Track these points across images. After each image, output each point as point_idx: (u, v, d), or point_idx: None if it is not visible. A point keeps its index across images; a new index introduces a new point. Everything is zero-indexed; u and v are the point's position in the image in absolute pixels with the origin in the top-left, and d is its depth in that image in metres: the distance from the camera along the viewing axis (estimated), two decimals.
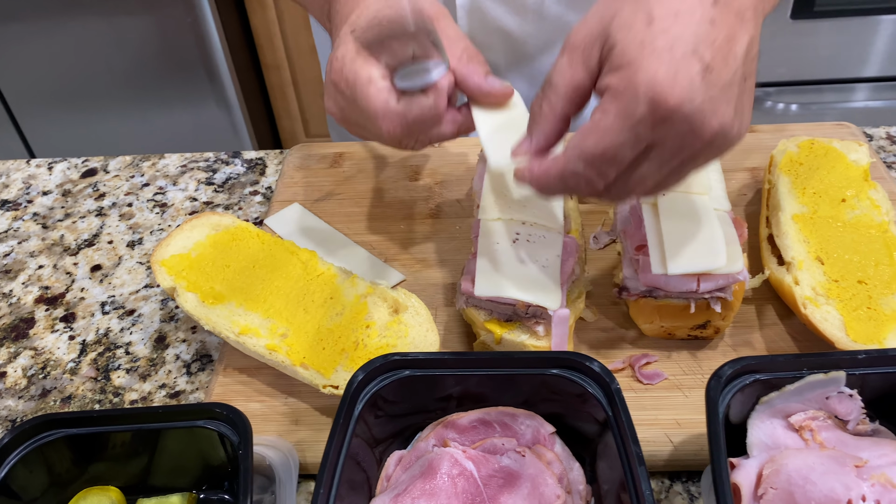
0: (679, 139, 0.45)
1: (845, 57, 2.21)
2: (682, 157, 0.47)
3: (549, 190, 0.51)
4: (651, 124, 0.45)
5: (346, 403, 0.50)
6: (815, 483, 0.47)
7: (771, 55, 2.18)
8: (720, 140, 0.46)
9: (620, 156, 0.46)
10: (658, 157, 0.47)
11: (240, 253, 0.64)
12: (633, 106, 0.44)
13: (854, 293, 0.58)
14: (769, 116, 2.30)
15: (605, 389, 0.50)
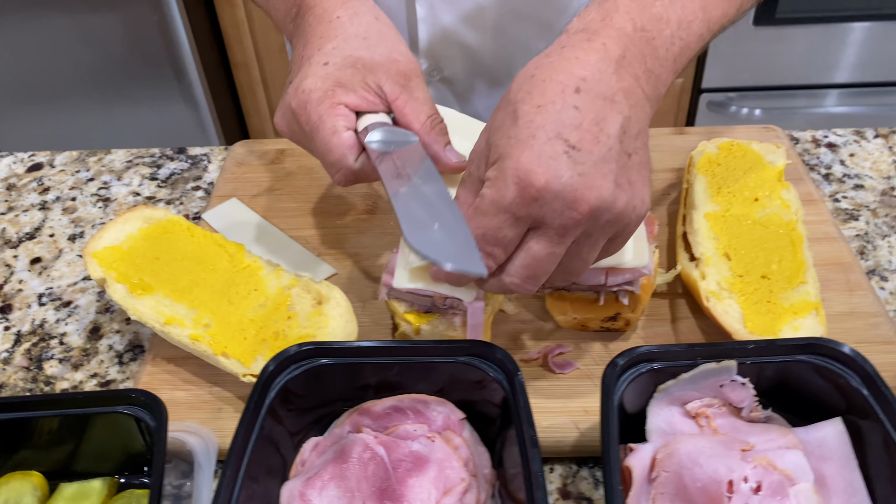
0: (558, 216, 0.47)
1: (809, 64, 2.25)
2: (575, 235, 0.48)
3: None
4: (523, 204, 0.47)
5: (257, 392, 0.52)
6: (702, 465, 0.50)
7: (734, 61, 2.22)
8: (606, 214, 0.47)
9: (501, 236, 0.48)
10: (547, 237, 0.48)
11: (170, 246, 0.66)
12: (503, 190, 0.47)
13: (756, 287, 0.60)
14: (733, 121, 2.33)
15: (509, 376, 0.52)
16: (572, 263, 0.51)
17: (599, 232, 0.49)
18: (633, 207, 0.49)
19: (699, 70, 2.25)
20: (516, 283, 0.51)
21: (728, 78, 2.27)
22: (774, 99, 2.29)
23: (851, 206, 0.78)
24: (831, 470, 0.51)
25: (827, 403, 0.53)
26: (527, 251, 0.49)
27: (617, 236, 0.51)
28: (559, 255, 0.49)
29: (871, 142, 0.86)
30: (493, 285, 0.52)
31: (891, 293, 0.69)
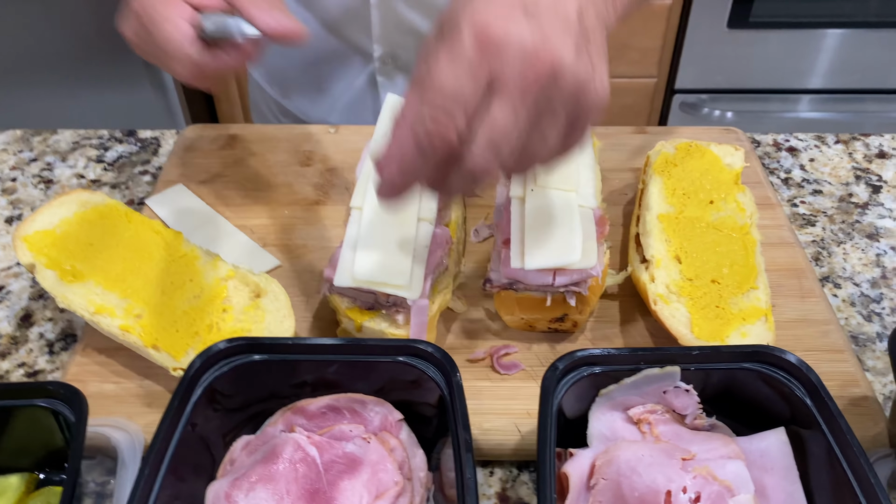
0: (518, 73, 0.44)
1: (781, 68, 2.26)
2: (537, 99, 0.45)
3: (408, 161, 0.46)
4: (481, 54, 0.43)
5: (182, 389, 0.49)
6: (641, 474, 0.48)
7: (707, 63, 2.22)
8: (569, 79, 0.44)
9: (460, 90, 0.44)
10: (508, 100, 0.44)
11: (105, 231, 0.63)
12: (458, 40, 0.44)
13: (705, 292, 0.59)
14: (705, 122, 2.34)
15: (447, 377, 0.51)
16: (534, 144, 0.47)
17: (561, 104, 0.46)
18: (594, 87, 0.46)
19: (673, 71, 2.25)
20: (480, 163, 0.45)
21: (701, 80, 2.27)
22: (747, 102, 2.30)
23: (809, 211, 0.78)
24: (772, 481, 0.50)
25: (771, 412, 0.52)
26: (490, 121, 0.45)
27: (577, 120, 0.47)
28: (521, 124, 0.45)
29: (832, 147, 0.86)
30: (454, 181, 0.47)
31: (843, 301, 0.68)
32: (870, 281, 0.70)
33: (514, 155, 0.47)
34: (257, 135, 0.84)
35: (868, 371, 0.62)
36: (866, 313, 0.67)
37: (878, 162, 0.83)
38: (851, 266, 0.72)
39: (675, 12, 2.12)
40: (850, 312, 0.67)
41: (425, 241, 0.61)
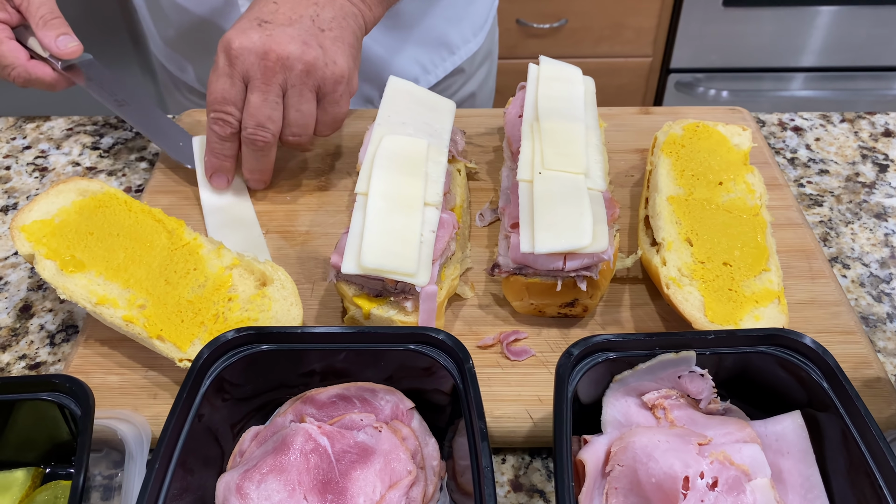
0: (257, 68, 0.63)
1: (778, 46, 2.25)
2: (279, 82, 0.64)
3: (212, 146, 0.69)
4: (229, 64, 0.64)
5: (190, 380, 0.48)
6: (658, 460, 0.48)
7: (702, 41, 2.21)
8: (298, 64, 0.63)
9: (225, 93, 0.65)
10: (257, 88, 0.64)
11: (105, 220, 0.62)
12: (217, 60, 0.64)
13: (718, 274, 0.59)
14: (701, 102, 2.33)
15: (459, 365, 0.50)
16: (292, 114, 0.66)
17: (299, 81, 0.64)
18: (324, 63, 0.64)
19: (668, 50, 2.24)
20: (250, 131, 0.66)
21: (696, 59, 2.26)
22: (742, 81, 2.30)
23: (816, 191, 0.77)
24: (789, 464, 0.50)
25: (787, 396, 0.52)
26: (248, 104, 0.65)
27: (323, 93, 0.66)
28: (273, 101, 0.65)
29: (837, 126, 0.85)
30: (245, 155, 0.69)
31: (852, 281, 0.68)
32: (879, 261, 0.70)
33: (285, 127, 0.67)
34: None
35: (879, 352, 0.62)
36: (876, 294, 0.67)
37: (885, 140, 0.83)
38: (860, 246, 0.71)
39: None
40: (859, 293, 0.67)
41: (432, 227, 0.61)
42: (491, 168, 0.77)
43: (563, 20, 2.14)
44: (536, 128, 0.66)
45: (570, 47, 2.20)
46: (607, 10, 2.14)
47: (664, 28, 2.19)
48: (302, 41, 0.63)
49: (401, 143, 0.65)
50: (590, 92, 0.72)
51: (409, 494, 0.49)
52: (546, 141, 0.64)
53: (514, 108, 0.73)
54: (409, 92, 0.71)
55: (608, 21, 2.16)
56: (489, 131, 0.81)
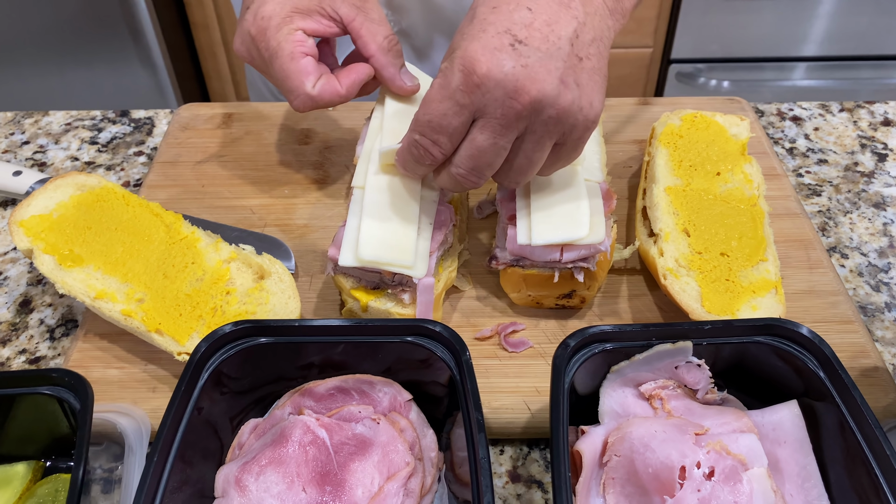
0: (500, 105, 0.49)
1: (779, 36, 2.25)
2: (518, 128, 0.51)
3: (405, 163, 0.57)
4: (466, 91, 0.49)
5: (188, 373, 0.48)
6: (654, 450, 0.48)
7: (703, 32, 2.20)
8: (549, 109, 0.50)
9: (445, 123, 0.51)
10: (489, 127, 0.50)
11: (103, 215, 0.62)
12: (450, 76, 0.50)
13: (715, 265, 0.59)
14: (702, 92, 2.33)
15: (456, 357, 0.50)
16: (518, 161, 0.53)
17: (543, 129, 0.51)
18: (579, 108, 0.50)
19: (669, 41, 2.24)
20: (462, 173, 0.53)
21: (697, 49, 2.26)
22: (742, 71, 2.29)
23: (814, 181, 0.77)
24: (785, 454, 0.50)
25: (784, 385, 0.52)
26: (470, 140, 0.52)
27: (565, 139, 0.52)
28: (502, 147, 0.52)
29: (836, 116, 0.85)
30: (443, 178, 0.55)
31: (851, 271, 0.68)
32: (877, 251, 0.70)
33: (501, 171, 0.54)
34: (253, 113, 0.82)
35: (878, 341, 0.62)
36: (874, 283, 0.67)
37: (884, 130, 0.82)
38: (858, 236, 0.71)
39: None
40: (857, 283, 0.67)
41: (429, 219, 0.61)
42: None
43: None
44: None
45: None
46: None
47: (665, 19, 2.18)
48: (560, 77, 0.49)
49: (398, 132, 0.65)
50: None
51: (407, 486, 0.50)
52: None
53: None
54: None
55: None
56: None
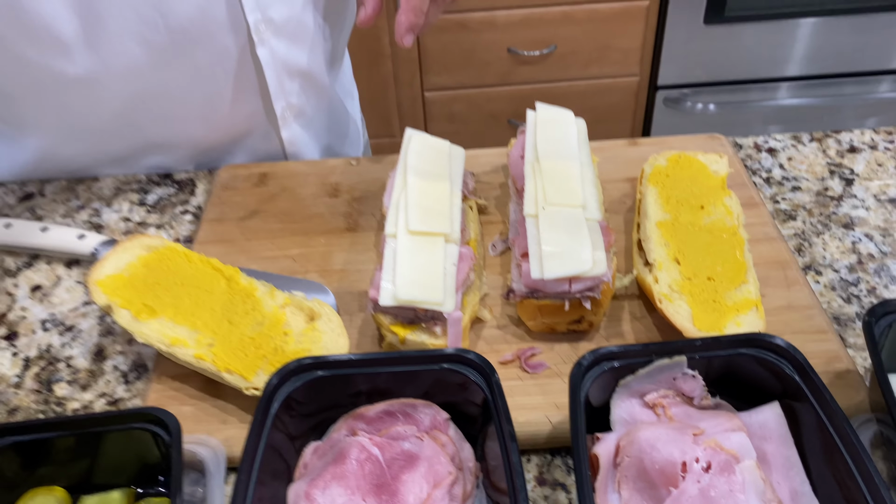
0: None
1: (759, 59, 2.34)
2: None
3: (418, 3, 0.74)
4: None
5: (263, 404, 0.57)
6: (660, 450, 0.56)
7: (687, 59, 2.30)
8: None
9: None
10: None
11: (169, 271, 0.71)
12: None
13: (703, 288, 0.68)
14: (689, 116, 2.42)
15: (486, 378, 0.59)
16: None
17: None
18: None
19: (654, 68, 2.33)
20: None
21: (682, 75, 2.35)
22: (728, 94, 2.38)
23: (790, 206, 0.86)
24: (771, 448, 0.59)
25: (767, 389, 0.60)
26: None
27: None
28: None
29: (807, 146, 0.94)
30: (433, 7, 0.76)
31: (825, 286, 0.77)
32: (847, 267, 0.79)
33: None
34: (286, 171, 0.92)
35: (850, 347, 0.71)
36: (846, 296, 0.76)
37: (850, 156, 0.92)
38: (830, 254, 0.80)
39: (653, 12, 2.21)
40: (831, 296, 0.76)
41: (453, 260, 0.70)
42: (498, 202, 0.87)
43: (552, 46, 2.24)
44: (537, 168, 0.75)
45: (559, 71, 2.30)
46: (594, 34, 2.24)
47: (649, 48, 2.29)
48: None
49: (422, 187, 0.74)
50: (582, 132, 0.82)
51: (451, 492, 0.58)
52: (547, 179, 0.74)
53: (516, 150, 0.82)
54: (424, 141, 0.81)
55: (595, 44, 2.26)
56: (494, 169, 0.91)
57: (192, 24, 0.80)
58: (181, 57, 0.83)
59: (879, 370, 0.58)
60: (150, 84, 0.85)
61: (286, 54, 0.88)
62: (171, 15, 0.78)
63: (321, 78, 0.97)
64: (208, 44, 0.82)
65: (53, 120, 0.89)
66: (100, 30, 0.78)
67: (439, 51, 2.21)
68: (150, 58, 0.82)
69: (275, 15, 0.83)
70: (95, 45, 0.79)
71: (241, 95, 0.89)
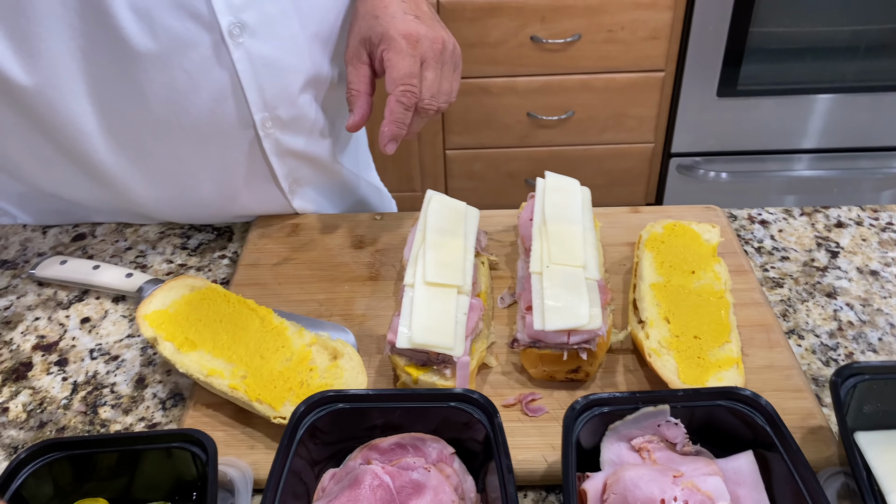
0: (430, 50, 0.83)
1: (771, 131, 2.41)
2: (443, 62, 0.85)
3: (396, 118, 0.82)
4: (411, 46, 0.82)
5: (290, 430, 0.65)
6: (642, 488, 0.63)
7: (700, 128, 2.39)
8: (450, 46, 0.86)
9: (413, 71, 0.81)
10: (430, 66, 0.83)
11: (209, 310, 0.79)
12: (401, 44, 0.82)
13: (689, 345, 0.75)
14: (702, 183, 2.49)
15: (489, 418, 0.66)
16: (444, 85, 0.85)
17: (450, 61, 0.86)
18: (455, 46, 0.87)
19: (668, 137, 2.43)
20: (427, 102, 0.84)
21: (696, 144, 2.44)
22: (740, 163, 2.46)
23: (778, 275, 0.93)
24: (744, 492, 0.65)
25: (742, 439, 0.67)
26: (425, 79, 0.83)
27: (456, 68, 0.87)
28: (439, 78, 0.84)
29: (798, 219, 1.02)
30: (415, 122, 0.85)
31: (806, 349, 0.83)
32: (828, 332, 0.85)
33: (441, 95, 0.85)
34: (315, 224, 1.01)
35: (825, 406, 0.77)
36: (825, 359, 0.82)
37: (837, 231, 0.99)
38: (813, 320, 0.87)
39: (668, 83, 2.31)
40: (811, 359, 0.82)
41: (464, 310, 0.77)
42: (508, 259, 0.95)
43: (570, 112, 2.34)
44: (544, 230, 0.83)
45: (576, 136, 2.40)
46: (610, 102, 2.34)
47: (664, 117, 2.38)
48: (444, 28, 0.86)
49: (439, 242, 0.83)
50: (586, 199, 0.90)
51: None
52: (552, 240, 0.82)
53: (526, 213, 0.91)
54: (442, 201, 0.89)
55: (612, 112, 2.36)
56: (506, 229, 0.99)
57: (203, 123, 0.87)
58: (194, 148, 0.90)
59: (843, 427, 0.64)
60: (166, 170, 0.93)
61: (291, 143, 0.94)
62: (185, 115, 0.85)
63: (330, 162, 1.03)
64: (219, 138, 0.89)
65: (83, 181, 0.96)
66: (120, 124, 0.86)
67: (462, 112, 2.32)
68: (165, 149, 0.90)
69: (281, 114, 0.90)
70: (116, 135, 0.87)
71: (251, 178, 0.96)
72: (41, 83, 0.80)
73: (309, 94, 0.92)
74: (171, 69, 0.80)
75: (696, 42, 2.22)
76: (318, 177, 1.03)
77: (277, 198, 1.00)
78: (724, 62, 2.24)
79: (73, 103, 0.83)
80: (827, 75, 2.28)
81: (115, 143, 0.88)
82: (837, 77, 2.29)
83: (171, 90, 0.82)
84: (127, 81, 0.81)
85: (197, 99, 0.84)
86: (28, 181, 0.99)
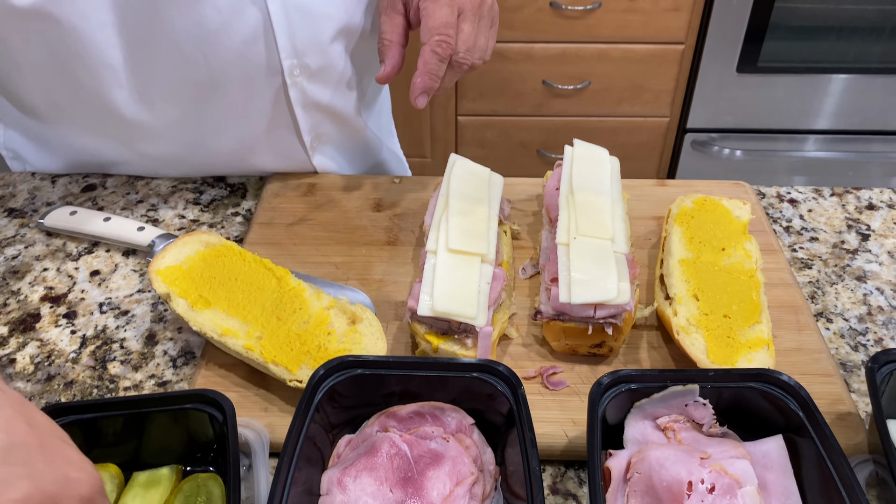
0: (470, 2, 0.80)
1: (791, 110, 2.38)
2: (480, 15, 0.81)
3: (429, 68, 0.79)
4: None
5: (308, 394, 0.63)
6: (668, 469, 0.61)
7: (718, 104, 2.35)
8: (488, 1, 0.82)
9: (450, 20, 0.78)
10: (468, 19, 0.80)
11: (224, 267, 0.77)
12: None
13: (719, 324, 0.72)
14: (715, 160, 2.46)
15: (513, 390, 0.64)
16: (480, 41, 0.82)
17: (487, 15, 0.82)
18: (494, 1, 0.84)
19: (685, 111, 2.39)
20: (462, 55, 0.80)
21: (712, 120, 2.40)
22: (755, 141, 2.43)
23: (807, 256, 0.91)
24: (772, 477, 0.63)
25: (771, 422, 0.65)
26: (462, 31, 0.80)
27: (493, 24, 0.84)
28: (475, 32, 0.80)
29: (827, 199, 0.99)
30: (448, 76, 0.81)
31: (834, 333, 0.81)
32: (857, 317, 0.83)
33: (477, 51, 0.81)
34: (331, 184, 0.98)
35: (854, 392, 0.75)
36: (854, 344, 0.80)
37: (868, 213, 0.97)
38: (842, 304, 0.85)
39: (688, 57, 2.26)
40: (840, 343, 0.80)
41: (487, 279, 0.75)
42: (531, 229, 0.92)
43: (586, 82, 2.29)
44: (571, 200, 0.81)
45: (592, 107, 2.35)
46: (628, 74, 2.29)
47: (681, 91, 2.34)
48: None
49: (462, 209, 0.80)
50: (615, 170, 0.87)
51: (471, 491, 0.63)
52: (579, 211, 0.79)
53: (552, 182, 0.88)
54: (466, 167, 0.87)
55: (628, 83, 2.31)
56: (529, 198, 0.96)
57: (230, 66, 0.85)
58: (219, 93, 0.88)
59: (878, 414, 0.62)
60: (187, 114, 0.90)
61: (318, 95, 0.92)
62: (213, 56, 0.83)
63: (353, 119, 1.00)
64: (245, 84, 0.87)
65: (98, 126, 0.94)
66: (146, 60, 0.84)
67: (476, 78, 2.27)
68: (188, 91, 0.87)
69: (310, 62, 0.87)
70: (140, 73, 0.85)
71: (273, 129, 0.94)
72: (69, 11, 0.77)
73: (340, 43, 0.89)
74: (203, 5, 0.78)
75: (719, 15, 2.17)
76: (341, 134, 1.00)
77: (298, 153, 0.97)
78: (746, 37, 2.19)
79: (100, 34, 0.80)
80: (850, 55, 2.24)
81: (138, 81, 0.86)
82: (861, 57, 2.24)
83: (200, 27, 0.80)
84: (156, 15, 0.79)
85: (226, 39, 0.81)
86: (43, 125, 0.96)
